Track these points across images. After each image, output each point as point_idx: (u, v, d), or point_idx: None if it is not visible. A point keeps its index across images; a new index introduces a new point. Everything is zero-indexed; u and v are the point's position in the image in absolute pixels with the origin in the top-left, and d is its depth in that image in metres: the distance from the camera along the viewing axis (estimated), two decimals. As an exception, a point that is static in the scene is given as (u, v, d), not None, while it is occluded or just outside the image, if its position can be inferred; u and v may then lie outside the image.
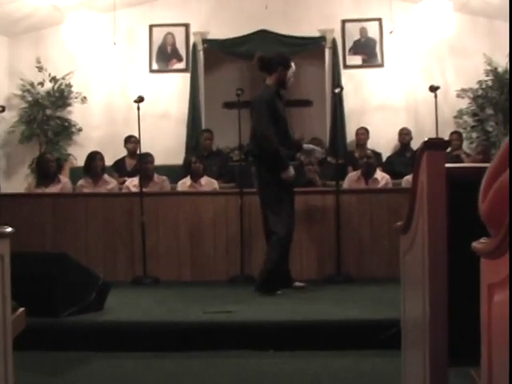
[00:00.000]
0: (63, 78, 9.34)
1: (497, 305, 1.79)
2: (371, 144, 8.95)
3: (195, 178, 7.41)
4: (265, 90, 5.72)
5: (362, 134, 9.07)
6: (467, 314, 2.09)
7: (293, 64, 5.79)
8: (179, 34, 9.62)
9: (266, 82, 5.77)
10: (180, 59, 9.64)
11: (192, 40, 9.57)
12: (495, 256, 1.76)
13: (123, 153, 8.59)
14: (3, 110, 7.15)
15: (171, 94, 9.60)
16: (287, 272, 5.71)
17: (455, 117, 9.23)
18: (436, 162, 2.46)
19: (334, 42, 9.48)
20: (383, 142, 9.21)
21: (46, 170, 7.31)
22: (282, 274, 5.60)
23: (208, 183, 7.44)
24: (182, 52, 9.63)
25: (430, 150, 2.48)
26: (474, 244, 1.90)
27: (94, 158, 7.42)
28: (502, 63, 9.02)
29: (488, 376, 1.84)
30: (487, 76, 9.12)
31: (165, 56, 9.66)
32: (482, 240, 1.88)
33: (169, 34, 9.62)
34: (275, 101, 5.60)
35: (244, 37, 9.37)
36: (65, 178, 7.65)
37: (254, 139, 5.61)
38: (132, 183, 7.44)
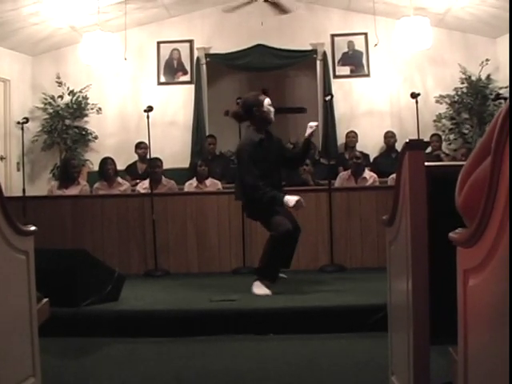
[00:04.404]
0: (80, 92, 9.37)
1: (472, 288, 1.79)
2: (359, 146, 8.96)
3: (201, 180, 7.42)
4: (249, 138, 5.25)
5: (353, 137, 9.07)
6: (447, 297, 2.09)
7: (263, 97, 5.29)
8: (184, 49, 9.63)
9: (251, 127, 5.31)
10: (185, 72, 9.64)
11: (196, 54, 9.58)
12: (470, 244, 1.77)
13: (135, 158, 8.60)
14: (27, 121, 7.17)
15: (178, 104, 9.61)
16: (289, 259, 5.44)
17: (434, 120, 9.24)
18: (416, 161, 2.47)
19: (324, 54, 9.49)
20: (370, 144, 9.22)
21: (70, 174, 7.37)
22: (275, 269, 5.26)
23: (212, 184, 7.46)
24: (187, 65, 9.63)
25: (411, 150, 2.49)
26: (451, 234, 1.90)
27: (106, 162, 7.49)
28: (475, 72, 9.04)
29: (464, 352, 1.85)
30: (462, 84, 9.13)
31: (171, 69, 9.66)
32: (458, 230, 1.89)
33: (175, 49, 9.62)
34: (256, 149, 5.16)
35: (243, 51, 9.38)
36: (83, 181, 7.68)
37: (240, 188, 5.35)
38: (142, 186, 7.45)
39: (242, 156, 5.19)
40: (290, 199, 5.03)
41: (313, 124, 5.42)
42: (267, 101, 5.29)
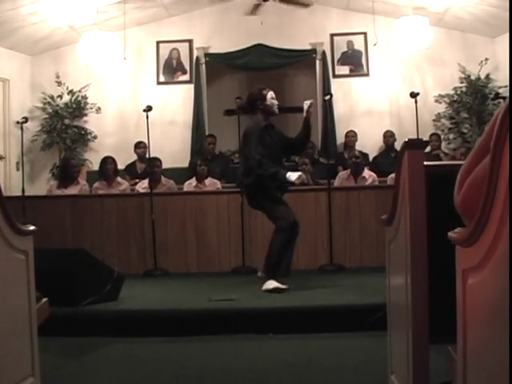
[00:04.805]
0: (79, 91, 9.36)
1: (470, 287, 1.79)
2: (359, 145, 8.96)
3: (200, 179, 7.42)
4: (255, 123, 5.40)
5: (352, 136, 9.06)
6: (446, 296, 2.09)
7: (267, 91, 5.42)
8: (183, 49, 9.63)
9: (256, 116, 5.45)
10: (184, 72, 9.64)
11: (195, 54, 9.57)
12: (469, 244, 1.77)
13: (134, 157, 8.59)
14: (26, 121, 7.17)
15: (177, 104, 9.61)
16: (288, 262, 5.45)
17: (434, 120, 9.24)
18: (415, 160, 2.47)
19: (323, 53, 9.49)
20: (370, 143, 9.22)
21: (69, 174, 7.39)
22: (284, 263, 5.34)
23: (211, 183, 7.46)
24: (186, 65, 9.63)
25: (410, 150, 2.49)
26: (450, 233, 1.90)
27: (106, 162, 7.51)
28: (475, 71, 9.05)
29: (463, 351, 1.85)
30: (461, 83, 9.14)
31: (171, 69, 9.66)
32: (457, 230, 1.88)
33: (174, 49, 9.62)
34: (263, 131, 5.32)
35: (242, 50, 9.38)
36: (83, 181, 7.69)
37: (246, 169, 5.38)
38: (142, 186, 7.45)
39: (250, 135, 5.28)
40: (293, 174, 5.17)
41: (307, 101, 5.52)
42: (270, 94, 5.41)
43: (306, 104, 5.47)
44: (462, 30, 9.23)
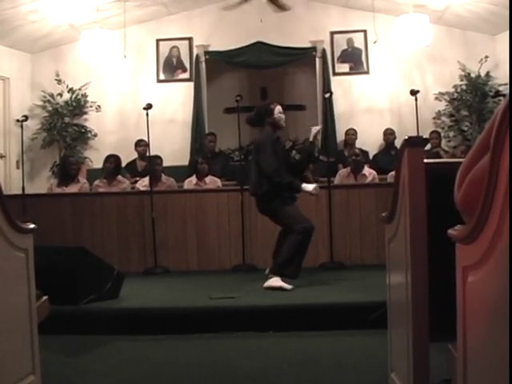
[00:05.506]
0: (80, 89, 9.35)
1: (471, 285, 1.79)
2: (359, 143, 8.96)
3: (200, 177, 7.41)
4: (266, 135, 5.44)
5: (352, 134, 9.06)
6: (446, 294, 2.09)
7: (274, 105, 5.49)
8: (183, 46, 9.61)
9: (265, 128, 5.49)
10: (184, 70, 9.63)
11: (195, 52, 9.56)
12: (469, 241, 1.76)
13: (135, 155, 8.59)
14: (26, 119, 7.17)
15: (177, 102, 9.60)
16: (298, 266, 5.30)
17: (434, 118, 9.23)
18: (416, 158, 2.47)
19: (323, 51, 9.47)
20: (370, 141, 9.20)
21: (68, 172, 7.38)
22: (293, 266, 5.24)
23: (212, 181, 7.45)
24: (186, 63, 9.62)
25: (410, 147, 2.49)
26: (450, 231, 1.90)
27: (107, 160, 7.51)
28: (475, 69, 9.04)
29: (463, 349, 1.85)
30: (462, 81, 9.13)
31: (171, 67, 9.65)
32: (457, 227, 1.88)
33: (174, 47, 9.61)
34: (275, 142, 5.42)
35: (242, 48, 9.36)
36: (83, 179, 7.67)
37: (257, 179, 5.41)
38: (142, 184, 7.44)
39: (264, 145, 5.35)
40: (308, 185, 5.37)
41: (316, 127, 5.65)
42: (278, 109, 5.49)
43: (315, 129, 5.57)
44: (462, 27, 9.23)
